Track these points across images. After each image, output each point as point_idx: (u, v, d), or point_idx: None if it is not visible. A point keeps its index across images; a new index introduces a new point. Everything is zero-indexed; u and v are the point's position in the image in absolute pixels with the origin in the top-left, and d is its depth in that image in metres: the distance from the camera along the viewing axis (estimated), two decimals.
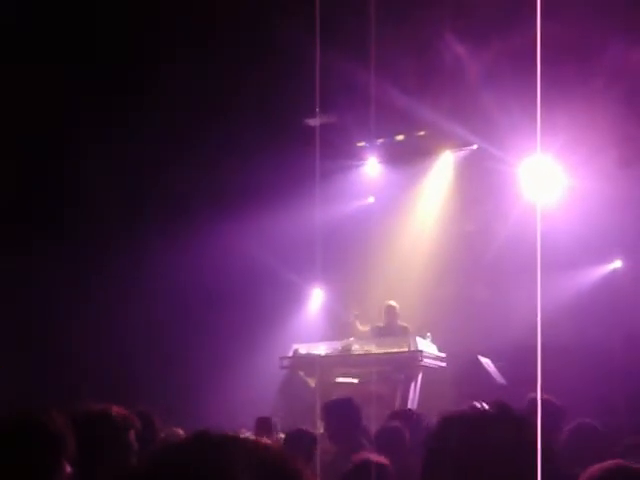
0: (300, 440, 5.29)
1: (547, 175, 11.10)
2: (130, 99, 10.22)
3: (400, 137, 12.89)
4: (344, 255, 12.34)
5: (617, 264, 11.84)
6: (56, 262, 10.41)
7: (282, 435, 6.38)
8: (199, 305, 11.70)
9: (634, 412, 8.20)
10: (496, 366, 10.58)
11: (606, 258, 11.75)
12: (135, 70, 10.08)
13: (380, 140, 13.08)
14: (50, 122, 9.99)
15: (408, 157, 12.98)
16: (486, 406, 1.76)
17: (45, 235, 10.55)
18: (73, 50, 9.65)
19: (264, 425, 7.06)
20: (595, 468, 2.26)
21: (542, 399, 3.51)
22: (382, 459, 4.18)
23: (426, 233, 12.98)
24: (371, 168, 13.54)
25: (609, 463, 2.28)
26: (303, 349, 10.94)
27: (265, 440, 1.18)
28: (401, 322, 11.02)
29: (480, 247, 11.97)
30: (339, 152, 12.28)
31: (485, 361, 10.59)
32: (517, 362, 8.97)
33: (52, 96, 9.55)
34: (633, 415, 8.09)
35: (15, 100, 9.35)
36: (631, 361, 9.91)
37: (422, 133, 12.64)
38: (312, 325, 13.02)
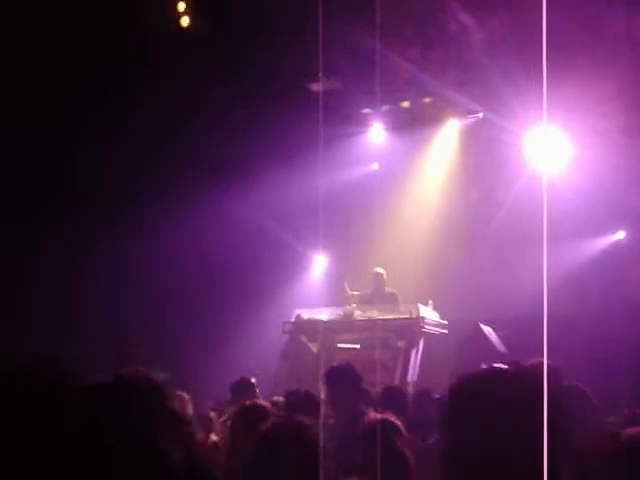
0: (303, 404, 5.32)
1: (553, 145, 11.07)
2: (130, 67, 10.17)
3: (405, 104, 12.81)
4: (347, 222, 12.34)
5: (620, 235, 11.84)
6: (57, 233, 10.45)
7: (281, 398, 6.39)
8: (202, 272, 11.73)
9: (633, 384, 8.23)
10: (498, 335, 10.62)
11: (610, 229, 11.76)
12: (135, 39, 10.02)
13: (385, 107, 13.01)
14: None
15: (413, 124, 12.91)
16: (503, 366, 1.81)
17: (46, 205, 10.57)
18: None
19: (243, 387, 6.91)
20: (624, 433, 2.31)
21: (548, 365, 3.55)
22: (391, 417, 4.16)
23: (430, 201, 12.96)
24: (375, 135, 13.48)
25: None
26: (306, 314, 10.97)
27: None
28: (389, 289, 11.01)
29: (484, 216, 11.97)
30: (343, 118, 12.21)
31: (487, 329, 10.63)
32: (519, 331, 9.01)
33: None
34: (633, 386, 8.11)
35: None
36: (632, 332, 9.94)
37: (428, 100, 12.57)
38: (315, 291, 13.06)
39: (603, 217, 11.14)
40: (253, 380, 7.13)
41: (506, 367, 1.81)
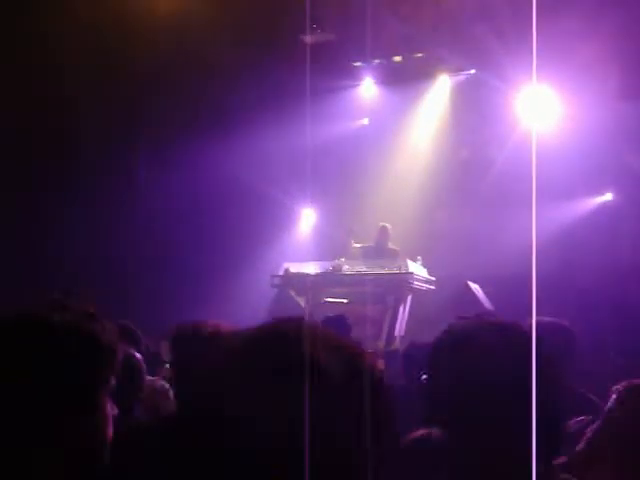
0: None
1: (544, 104, 11.05)
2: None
3: (397, 58, 12.73)
4: (337, 176, 12.33)
5: (608, 197, 11.88)
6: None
7: None
8: (189, 228, 11.69)
9: (620, 349, 8.29)
10: (484, 292, 10.70)
11: (599, 190, 11.79)
12: None
13: (377, 61, 12.92)
14: None
15: (405, 79, 12.83)
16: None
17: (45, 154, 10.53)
18: None
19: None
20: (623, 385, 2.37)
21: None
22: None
23: (420, 157, 12.94)
24: (367, 89, 13.40)
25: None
26: (294, 268, 11.01)
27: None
28: (392, 245, 11.09)
29: (475, 174, 11.97)
30: (334, 71, 12.12)
31: (474, 287, 10.70)
32: (505, 290, 9.07)
33: None
34: (619, 353, 8.17)
35: None
36: (618, 293, 10.01)
37: (420, 55, 12.48)
38: (303, 245, 13.09)
39: (593, 177, 11.17)
40: None
41: (489, 319, 1.85)
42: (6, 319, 1.71)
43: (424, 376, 1.82)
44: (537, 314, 1.67)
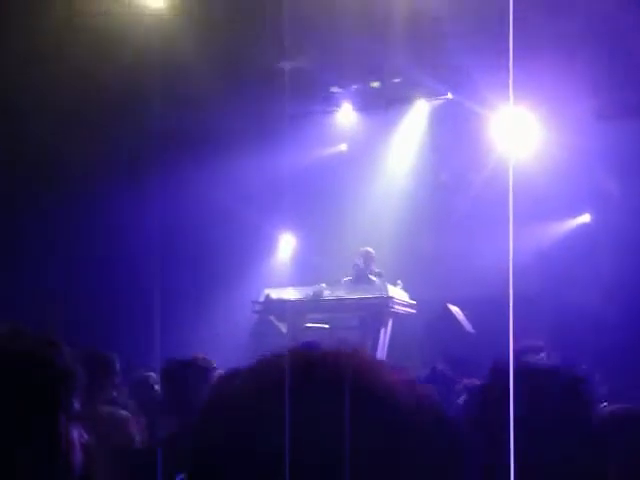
0: None
1: (521, 126, 11.13)
2: None
3: (375, 84, 12.79)
4: (315, 202, 12.34)
5: (586, 218, 11.96)
6: None
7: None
8: (168, 251, 11.63)
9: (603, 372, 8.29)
10: (464, 314, 10.72)
11: (576, 211, 11.87)
12: None
13: (354, 86, 12.97)
14: None
15: (383, 105, 12.89)
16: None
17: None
18: None
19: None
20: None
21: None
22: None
23: (399, 182, 12.98)
24: (344, 115, 13.44)
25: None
26: (275, 294, 10.99)
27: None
28: (374, 268, 11.08)
29: (454, 197, 12.02)
30: (312, 97, 12.17)
31: (454, 309, 10.72)
32: (486, 312, 9.08)
33: None
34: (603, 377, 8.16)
35: None
36: (598, 312, 10.06)
37: (397, 80, 12.55)
38: (284, 270, 13.06)
39: (570, 200, 11.26)
40: None
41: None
42: None
43: None
44: (515, 335, 1.66)
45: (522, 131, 11.16)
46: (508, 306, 1.52)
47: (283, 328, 10.68)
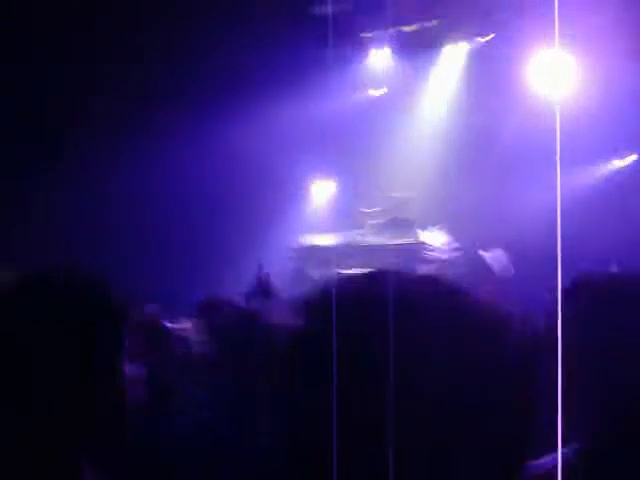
0: None
1: (563, 67, 10.90)
2: None
3: (413, 27, 12.59)
4: (353, 146, 12.24)
5: (634, 157, 11.79)
6: None
7: None
8: (204, 199, 11.63)
9: None
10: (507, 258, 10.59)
11: (623, 153, 11.71)
12: None
13: (392, 29, 12.78)
14: None
15: (420, 47, 12.70)
16: None
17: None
18: None
19: None
20: None
21: None
22: None
23: (438, 125, 12.84)
24: (382, 58, 13.25)
25: None
26: (309, 241, 10.98)
27: None
28: (413, 213, 11.03)
29: (492, 140, 11.87)
30: (349, 41, 12.02)
31: (488, 255, 10.60)
32: (527, 255, 9.00)
33: None
34: None
35: None
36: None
37: (435, 23, 12.35)
38: (321, 217, 13.03)
39: (617, 142, 11.09)
40: None
41: None
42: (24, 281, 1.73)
43: None
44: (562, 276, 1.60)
45: (565, 73, 10.93)
46: (555, 247, 1.46)
47: (316, 275, 10.68)
